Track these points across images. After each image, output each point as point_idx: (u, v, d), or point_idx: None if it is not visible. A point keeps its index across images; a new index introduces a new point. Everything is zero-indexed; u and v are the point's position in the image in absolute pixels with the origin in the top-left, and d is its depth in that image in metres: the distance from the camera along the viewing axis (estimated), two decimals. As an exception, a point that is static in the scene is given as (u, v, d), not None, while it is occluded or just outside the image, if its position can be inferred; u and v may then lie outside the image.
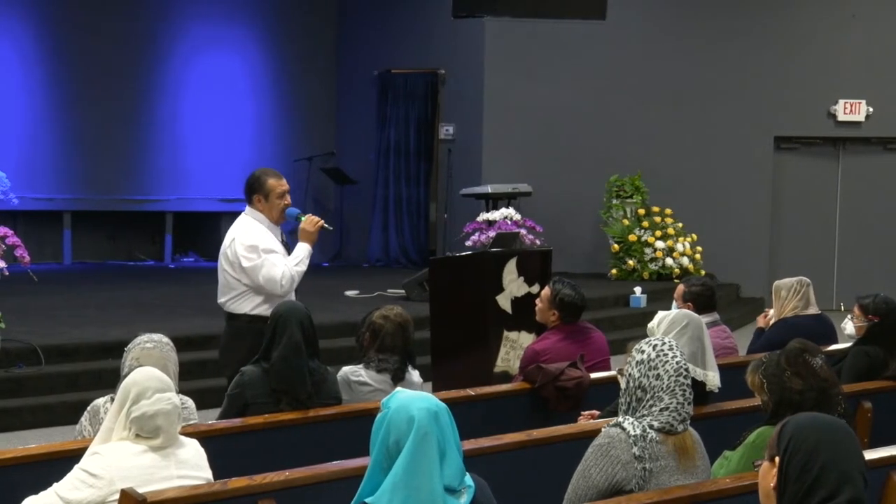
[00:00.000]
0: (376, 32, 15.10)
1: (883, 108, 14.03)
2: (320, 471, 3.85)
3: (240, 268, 5.85)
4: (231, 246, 5.90)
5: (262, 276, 5.83)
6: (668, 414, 3.55)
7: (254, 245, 5.88)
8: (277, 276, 5.85)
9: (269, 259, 5.88)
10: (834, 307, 13.33)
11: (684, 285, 6.36)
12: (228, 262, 5.90)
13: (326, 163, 15.40)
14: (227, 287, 5.92)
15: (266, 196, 6.01)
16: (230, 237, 5.96)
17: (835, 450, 2.47)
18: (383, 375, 5.09)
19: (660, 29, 14.05)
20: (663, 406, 3.55)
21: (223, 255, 5.94)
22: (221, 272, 5.95)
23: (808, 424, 2.52)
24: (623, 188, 13.54)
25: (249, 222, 6.02)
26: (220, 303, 5.98)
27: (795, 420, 2.55)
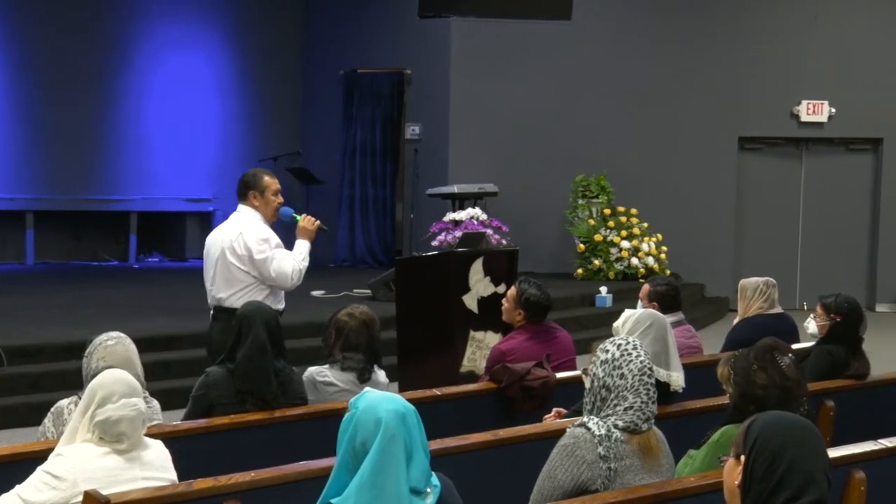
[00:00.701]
0: (342, 32, 15.06)
1: (845, 109, 14.16)
2: (286, 471, 3.84)
3: (250, 260, 5.88)
4: (238, 239, 5.90)
5: (274, 269, 5.89)
6: (632, 413, 3.56)
7: (265, 238, 5.93)
8: (288, 270, 5.92)
9: (279, 253, 5.94)
10: (797, 306, 13.43)
11: (649, 285, 6.38)
12: (236, 255, 5.90)
13: (292, 162, 15.35)
14: (233, 281, 5.92)
15: (262, 192, 6.03)
16: (235, 231, 5.94)
17: (800, 451, 2.48)
18: (349, 375, 5.08)
19: (625, 30, 14.11)
20: (627, 405, 3.57)
21: (228, 250, 5.91)
22: (225, 267, 5.93)
23: (774, 424, 2.54)
24: (589, 188, 13.59)
25: (250, 217, 6.02)
26: (220, 297, 5.95)
27: (762, 419, 2.57)
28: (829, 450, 4.02)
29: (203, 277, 6.21)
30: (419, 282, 7.64)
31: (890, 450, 4.05)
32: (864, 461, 3.94)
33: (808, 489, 2.45)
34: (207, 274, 6.11)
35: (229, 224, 6.08)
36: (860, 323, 5.60)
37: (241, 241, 5.90)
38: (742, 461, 2.53)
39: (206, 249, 6.14)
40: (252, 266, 5.89)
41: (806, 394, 3.74)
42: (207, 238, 6.19)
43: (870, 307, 14.06)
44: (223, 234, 6.02)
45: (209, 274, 6.07)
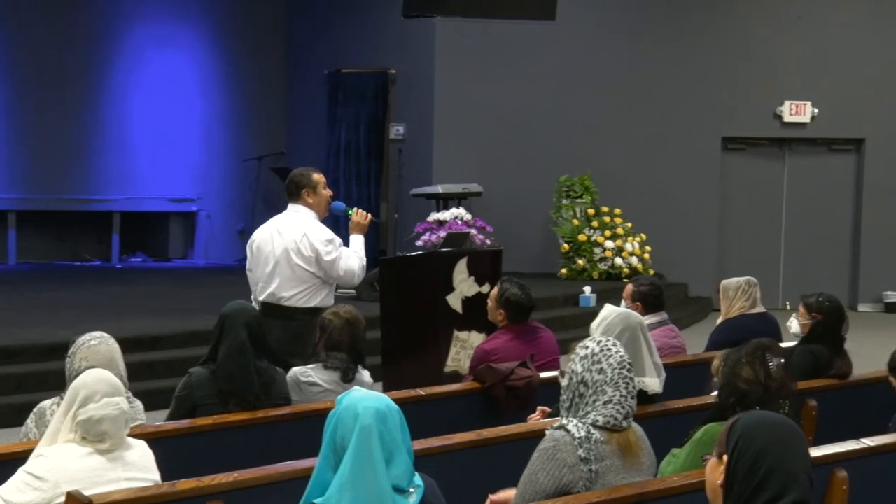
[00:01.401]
0: (326, 32, 15.05)
1: (828, 110, 14.22)
2: (269, 472, 3.83)
3: (317, 262, 5.99)
4: (304, 241, 5.99)
5: (342, 267, 6.06)
6: (611, 407, 3.55)
7: (330, 238, 6.08)
8: (356, 268, 6.12)
9: (345, 251, 6.12)
10: (780, 306, 13.49)
11: (633, 285, 6.40)
12: (303, 257, 6.00)
13: (276, 162, 15.32)
14: (298, 282, 6.01)
15: (314, 188, 6.17)
16: (299, 232, 6.01)
17: (782, 452, 2.49)
18: (332, 375, 5.08)
19: (609, 30, 14.14)
20: (606, 399, 3.55)
21: (293, 251, 5.98)
22: (289, 268, 5.99)
23: (757, 424, 2.54)
24: (573, 188, 13.61)
25: (309, 217, 6.13)
26: (281, 297, 5.99)
27: (745, 419, 2.57)
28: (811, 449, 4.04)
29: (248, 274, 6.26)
30: (403, 282, 7.63)
31: (872, 449, 4.08)
32: (847, 460, 3.96)
33: (790, 490, 2.46)
34: (259, 271, 6.11)
35: (288, 224, 6.11)
36: (842, 322, 5.63)
37: (306, 243, 6.00)
38: (724, 460, 2.54)
39: (257, 246, 6.14)
40: (319, 267, 6.02)
41: (789, 396, 3.74)
42: (256, 235, 6.21)
43: (852, 307, 14.12)
44: (283, 235, 6.06)
45: (262, 271, 6.08)
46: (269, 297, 6.07)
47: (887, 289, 14.34)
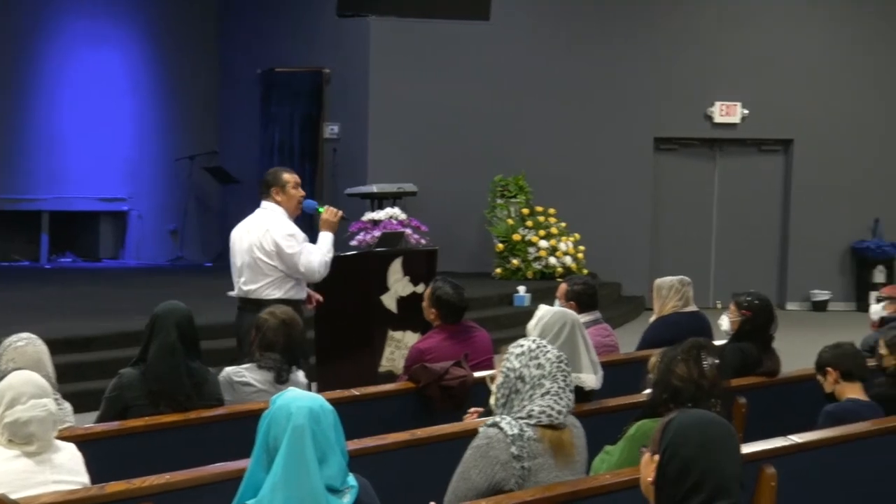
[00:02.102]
0: (259, 30, 14.95)
1: (757, 110, 14.43)
2: (202, 473, 3.80)
3: (278, 256, 6.23)
4: (266, 236, 6.24)
5: (302, 263, 6.25)
6: (549, 398, 3.56)
7: (292, 233, 6.28)
8: (316, 264, 6.30)
9: (306, 247, 6.30)
10: (711, 305, 13.65)
11: (567, 284, 6.44)
12: (264, 251, 6.24)
13: (209, 162, 15.20)
14: (260, 275, 6.25)
15: (283, 187, 6.38)
16: (262, 227, 6.28)
17: (714, 458, 2.51)
18: (266, 375, 5.04)
19: (542, 31, 14.21)
20: (544, 391, 3.58)
21: (256, 246, 6.24)
22: (252, 261, 6.25)
23: (691, 427, 2.56)
24: (507, 188, 13.66)
25: (276, 213, 6.35)
26: (248, 290, 6.27)
27: (679, 420, 2.59)
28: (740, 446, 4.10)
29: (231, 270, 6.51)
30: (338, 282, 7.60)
31: (799, 445, 4.14)
32: (775, 457, 4.01)
33: (720, 496, 2.49)
34: (234, 267, 6.42)
35: (256, 221, 6.38)
36: (771, 321, 5.70)
37: (268, 238, 6.23)
38: (657, 460, 2.56)
39: (232, 244, 6.43)
40: (280, 261, 6.24)
41: (721, 395, 3.78)
42: (232, 233, 6.49)
43: (780, 305, 14.34)
44: (250, 231, 6.34)
45: (236, 267, 6.39)
46: (240, 290, 6.35)
47: (815, 287, 14.58)
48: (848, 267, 14.70)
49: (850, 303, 14.60)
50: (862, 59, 14.50)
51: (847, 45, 14.50)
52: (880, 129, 14.56)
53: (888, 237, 14.43)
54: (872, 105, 14.54)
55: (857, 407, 4.71)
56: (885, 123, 14.56)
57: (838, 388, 4.87)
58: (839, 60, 14.48)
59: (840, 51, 14.49)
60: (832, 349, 4.92)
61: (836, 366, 4.86)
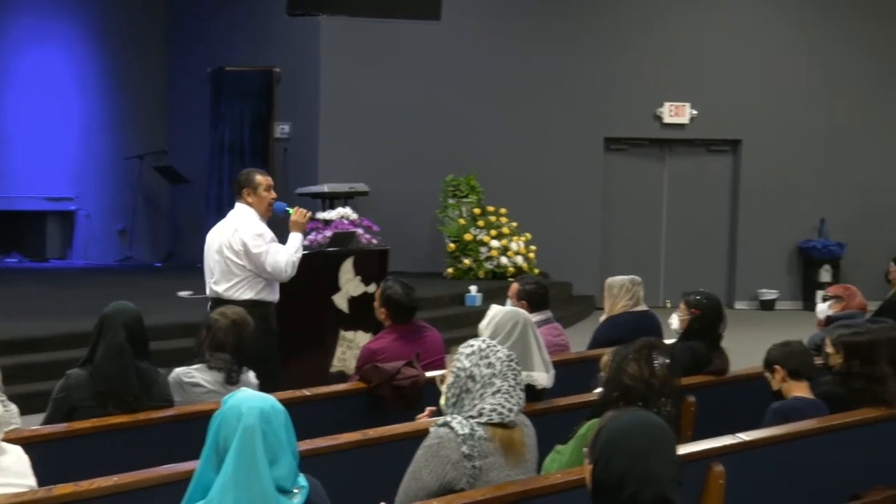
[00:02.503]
0: (209, 29, 14.85)
1: (706, 111, 14.56)
2: (151, 475, 3.76)
3: (245, 255, 6.28)
4: (235, 235, 6.31)
5: (269, 263, 6.30)
6: (500, 396, 3.58)
7: (260, 233, 6.34)
8: (282, 264, 6.34)
9: (273, 247, 6.35)
10: (661, 304, 13.75)
11: (518, 284, 6.45)
12: (233, 251, 6.30)
13: (159, 161, 15.07)
14: (230, 275, 6.32)
15: (255, 189, 6.44)
16: (231, 228, 6.34)
17: (648, 464, 2.53)
18: (216, 376, 5.01)
19: (494, 31, 14.24)
20: (495, 389, 3.59)
21: (225, 246, 6.32)
22: (221, 261, 6.33)
23: (620, 435, 2.57)
24: (459, 188, 13.67)
25: (246, 213, 6.41)
26: (219, 290, 6.33)
27: (609, 430, 2.60)
28: (690, 444, 4.14)
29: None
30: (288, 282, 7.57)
31: (747, 443, 4.18)
32: (723, 455, 4.05)
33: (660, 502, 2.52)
34: (206, 266, 6.47)
35: (227, 221, 6.45)
36: (720, 320, 5.74)
37: (237, 238, 6.30)
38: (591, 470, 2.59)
39: (207, 243, 6.49)
40: (248, 260, 6.29)
41: (671, 395, 3.81)
42: (208, 234, 6.54)
43: (729, 304, 14.49)
44: (222, 232, 6.40)
45: (208, 266, 6.45)
46: (212, 290, 6.41)
47: (762, 287, 14.75)
48: (795, 266, 14.88)
49: (797, 302, 14.78)
50: (808, 61, 14.68)
51: (795, 48, 14.67)
52: (826, 130, 14.75)
53: (834, 237, 14.61)
54: (819, 107, 14.72)
55: (803, 405, 4.77)
56: (831, 125, 14.76)
57: (785, 386, 4.93)
58: (786, 62, 14.64)
59: (787, 53, 14.65)
60: (781, 347, 4.97)
61: (784, 364, 4.91)
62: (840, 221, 14.71)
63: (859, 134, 14.82)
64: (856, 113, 14.79)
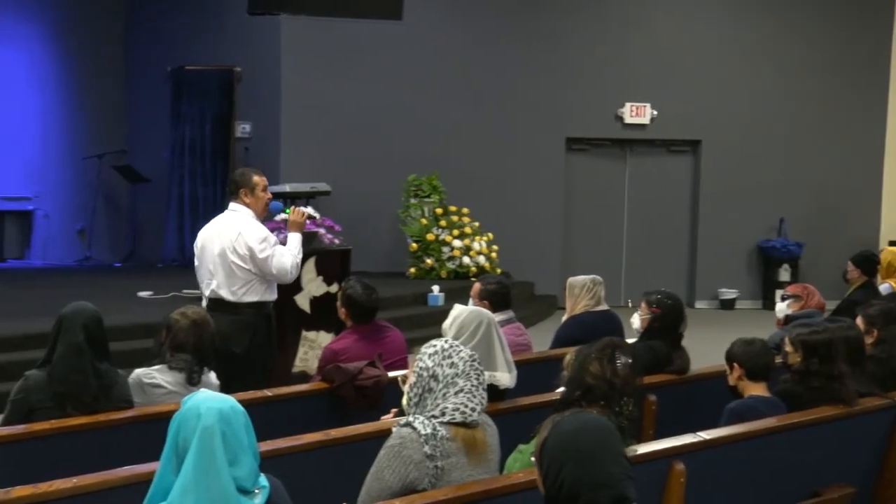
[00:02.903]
0: (169, 28, 14.75)
1: (666, 112, 14.65)
2: (110, 477, 3.73)
3: (251, 259, 6.29)
4: (239, 239, 6.30)
5: (275, 266, 6.33)
6: (462, 396, 3.59)
7: (265, 237, 6.35)
8: (288, 265, 6.38)
9: (278, 250, 6.38)
10: (622, 304, 13.83)
11: (480, 283, 6.46)
12: (238, 255, 6.30)
13: (118, 160, 14.94)
14: (235, 278, 6.33)
15: (252, 190, 6.43)
16: (233, 231, 6.32)
17: (598, 467, 2.54)
18: (177, 376, 4.98)
19: (455, 31, 14.25)
20: (457, 389, 3.59)
21: (229, 249, 6.30)
22: (225, 265, 6.32)
23: (570, 437, 2.58)
24: (421, 188, 13.67)
25: (245, 215, 6.40)
26: (223, 294, 6.33)
27: (558, 433, 2.61)
28: (651, 443, 4.16)
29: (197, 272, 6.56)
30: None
31: (708, 442, 4.20)
32: (684, 453, 4.07)
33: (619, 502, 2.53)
34: (204, 268, 6.43)
35: (226, 223, 6.40)
36: (681, 319, 5.77)
37: (241, 242, 6.29)
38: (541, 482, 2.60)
39: (201, 245, 6.44)
40: (254, 264, 6.31)
41: (633, 395, 3.82)
42: (200, 234, 6.50)
43: (689, 304, 14.58)
44: (222, 234, 6.35)
45: (206, 269, 6.41)
46: (212, 293, 6.37)
47: (722, 286, 14.85)
48: (754, 266, 15.01)
49: (757, 301, 14.90)
50: (767, 62, 14.81)
51: (754, 49, 14.79)
52: (785, 130, 14.89)
53: (792, 236, 14.75)
54: (778, 106, 14.85)
55: (759, 404, 4.79)
56: (790, 125, 14.89)
57: (741, 384, 4.95)
58: (746, 63, 14.76)
59: (747, 54, 14.77)
60: (743, 345, 4.98)
61: (742, 363, 4.94)
62: (799, 221, 14.86)
63: (817, 134, 14.97)
64: (814, 113, 14.94)
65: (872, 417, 4.88)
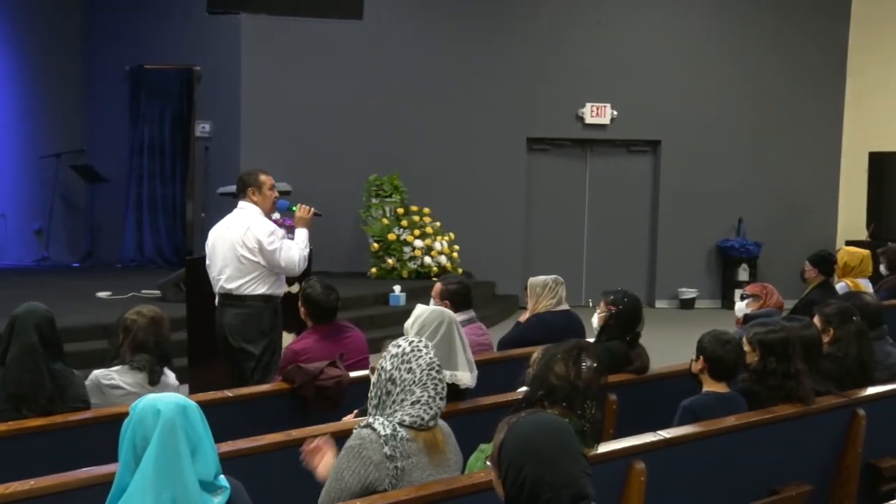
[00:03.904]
0: (127, 27, 14.63)
1: (626, 112, 14.72)
2: (69, 478, 3.70)
3: (260, 252, 6.50)
4: (248, 233, 6.51)
5: (283, 258, 6.54)
6: (419, 407, 3.59)
7: (272, 231, 6.58)
8: (296, 258, 6.60)
9: (286, 243, 6.61)
10: (583, 303, 13.88)
11: (442, 283, 6.46)
12: (247, 248, 6.51)
13: (76, 160, 14.81)
14: (244, 272, 6.52)
15: (260, 188, 6.70)
16: (242, 226, 6.54)
17: (558, 466, 2.55)
18: (137, 376, 4.94)
19: (417, 30, 14.25)
20: (414, 399, 3.59)
21: (238, 244, 6.51)
22: (235, 259, 6.52)
23: (527, 438, 2.59)
24: (382, 187, 13.66)
25: (253, 212, 6.64)
26: (231, 287, 6.52)
27: (515, 435, 2.62)
28: (611, 442, 4.17)
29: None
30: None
31: (668, 441, 4.22)
32: (644, 452, 4.09)
33: (578, 499, 2.54)
34: (214, 265, 6.64)
35: (235, 220, 6.64)
36: (638, 318, 5.77)
37: (250, 236, 6.50)
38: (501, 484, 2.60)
39: (212, 241, 6.67)
40: (262, 257, 6.51)
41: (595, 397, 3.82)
42: (211, 231, 6.75)
43: (650, 303, 14.67)
44: (231, 229, 6.59)
45: (216, 265, 6.61)
46: (222, 288, 6.56)
47: (682, 286, 14.95)
48: (714, 265, 15.11)
49: (716, 300, 15.01)
50: (726, 63, 14.92)
51: (713, 51, 14.89)
52: (744, 131, 15.01)
53: (751, 236, 14.87)
54: (737, 108, 14.97)
55: (714, 401, 4.80)
56: (749, 126, 15.01)
57: (703, 377, 4.93)
58: (705, 64, 14.86)
59: (706, 56, 14.87)
60: (715, 342, 4.87)
61: (708, 359, 4.90)
62: (757, 221, 14.98)
63: (775, 135, 15.10)
64: (772, 115, 15.07)
65: (829, 416, 4.93)
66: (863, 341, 5.48)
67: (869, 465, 5.09)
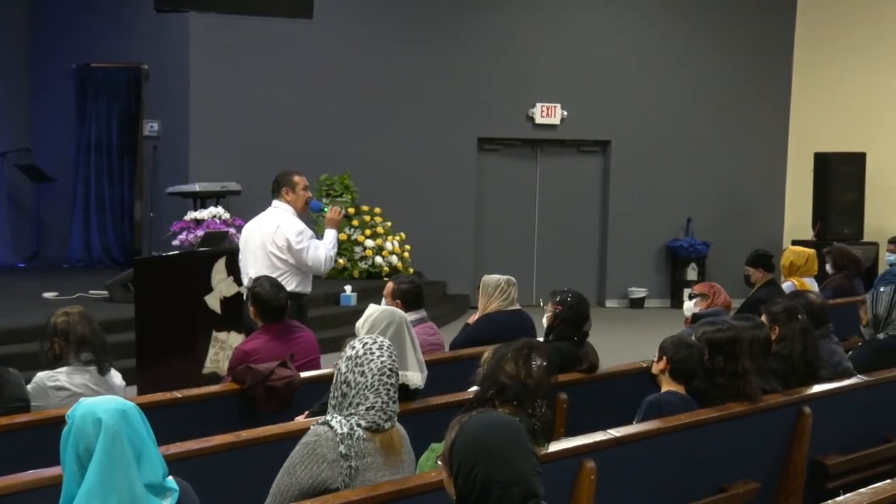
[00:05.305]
0: (74, 24, 14.45)
1: (576, 112, 14.78)
2: (13, 481, 3.64)
3: (289, 250, 6.86)
4: (278, 232, 6.88)
5: (310, 257, 6.90)
6: (374, 413, 3.59)
7: (301, 230, 6.94)
8: (322, 258, 6.97)
9: (314, 243, 6.96)
10: (534, 303, 13.91)
11: (393, 283, 6.45)
12: (276, 246, 6.87)
13: (21, 159, 14.61)
14: (273, 268, 6.78)
15: (293, 188, 7.10)
16: (273, 225, 6.91)
17: (509, 465, 2.56)
18: (84, 376, 4.90)
19: (367, 30, 14.21)
20: (369, 405, 3.59)
21: (268, 241, 6.86)
22: (265, 256, 6.86)
23: (478, 437, 2.60)
24: (333, 187, 13.61)
25: (285, 211, 7.01)
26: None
27: (466, 434, 2.63)
28: (561, 441, 4.19)
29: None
30: (159, 282, 7.45)
31: (618, 439, 4.24)
32: (595, 451, 4.11)
33: (528, 498, 2.55)
34: (246, 261, 6.99)
35: (267, 218, 7.02)
36: (585, 317, 5.78)
37: (280, 234, 6.86)
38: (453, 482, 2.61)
39: (244, 240, 7.04)
40: (290, 255, 6.86)
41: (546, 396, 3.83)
42: (244, 228, 7.19)
43: (600, 303, 14.76)
44: (262, 228, 6.96)
45: (248, 261, 6.96)
46: (250, 281, 6.60)
47: (632, 285, 15.04)
48: (663, 265, 15.22)
49: (666, 299, 15.12)
50: (674, 64, 15.04)
51: (662, 51, 15.01)
52: (692, 131, 15.13)
53: (699, 236, 15.00)
54: (684, 108, 15.10)
55: (676, 400, 4.83)
56: (698, 126, 15.14)
57: (663, 378, 4.94)
58: (654, 65, 14.97)
59: (655, 56, 14.98)
60: (677, 346, 4.87)
61: (670, 360, 4.89)
62: (705, 221, 15.11)
63: (723, 136, 15.24)
64: (720, 115, 15.21)
65: (776, 414, 4.98)
66: (808, 339, 5.53)
67: (815, 462, 5.15)
